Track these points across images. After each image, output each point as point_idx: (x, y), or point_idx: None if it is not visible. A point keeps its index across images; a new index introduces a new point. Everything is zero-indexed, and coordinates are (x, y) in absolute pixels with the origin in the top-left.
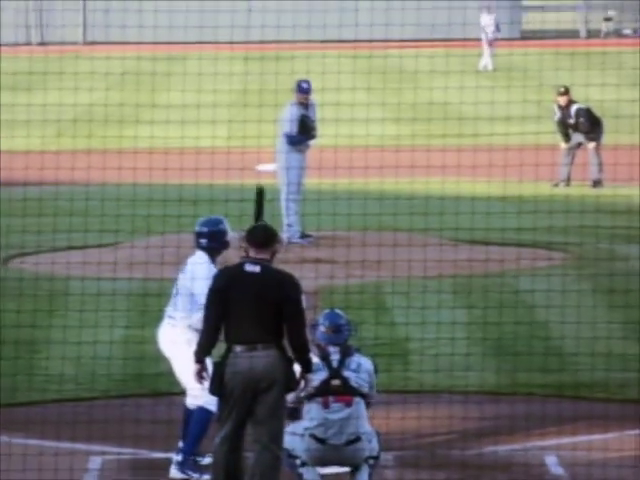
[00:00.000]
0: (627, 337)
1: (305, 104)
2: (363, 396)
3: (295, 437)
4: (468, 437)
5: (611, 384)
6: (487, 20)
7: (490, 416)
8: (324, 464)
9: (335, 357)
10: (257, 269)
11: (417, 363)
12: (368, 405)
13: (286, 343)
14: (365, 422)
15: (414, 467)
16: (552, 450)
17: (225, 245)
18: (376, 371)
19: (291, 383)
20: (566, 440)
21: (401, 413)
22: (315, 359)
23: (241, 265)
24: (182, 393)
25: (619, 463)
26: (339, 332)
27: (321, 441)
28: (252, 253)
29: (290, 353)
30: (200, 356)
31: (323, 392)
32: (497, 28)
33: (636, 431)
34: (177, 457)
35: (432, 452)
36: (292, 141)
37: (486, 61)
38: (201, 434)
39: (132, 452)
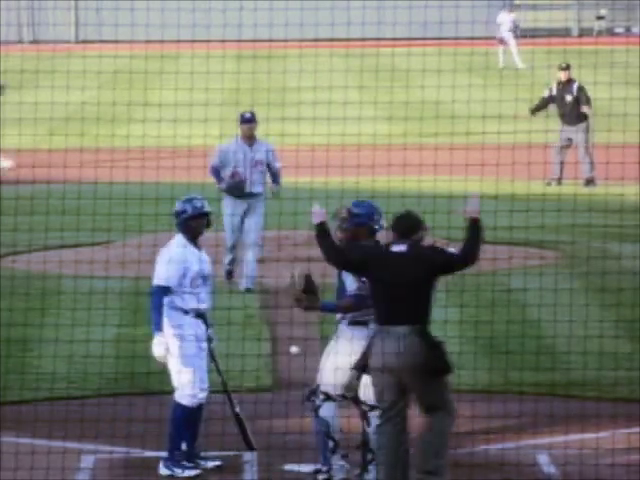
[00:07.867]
0: (619, 336)
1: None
2: None
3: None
4: (460, 436)
5: (603, 383)
6: (504, 18)
7: (482, 415)
8: None
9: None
10: (403, 248)
11: None
12: None
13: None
14: None
15: None
16: (544, 449)
17: (187, 227)
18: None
19: (437, 368)
20: (558, 439)
21: None
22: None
23: (387, 245)
24: (174, 391)
25: (611, 462)
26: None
27: None
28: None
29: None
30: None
31: None
32: (513, 27)
33: (628, 430)
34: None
35: None
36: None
37: (502, 58)
38: (179, 429)
39: (124, 450)
